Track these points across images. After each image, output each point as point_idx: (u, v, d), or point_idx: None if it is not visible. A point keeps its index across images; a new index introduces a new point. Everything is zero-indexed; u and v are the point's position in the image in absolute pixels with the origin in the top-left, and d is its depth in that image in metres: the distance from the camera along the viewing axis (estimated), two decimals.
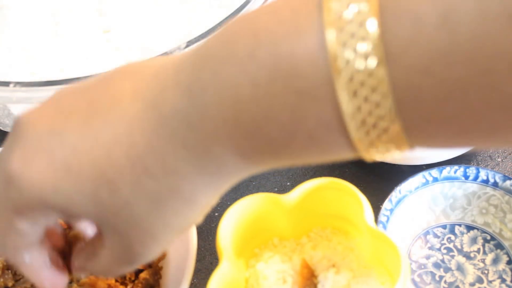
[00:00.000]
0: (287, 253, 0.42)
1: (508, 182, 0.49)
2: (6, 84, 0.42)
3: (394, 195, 0.48)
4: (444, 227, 0.50)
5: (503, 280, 0.47)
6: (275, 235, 0.43)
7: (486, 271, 0.48)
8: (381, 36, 0.19)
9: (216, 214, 0.54)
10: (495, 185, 0.49)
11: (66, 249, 0.32)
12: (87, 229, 0.33)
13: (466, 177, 0.50)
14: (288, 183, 0.55)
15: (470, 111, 0.19)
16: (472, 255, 0.49)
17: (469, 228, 0.50)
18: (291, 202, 0.41)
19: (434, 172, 0.49)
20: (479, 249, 0.49)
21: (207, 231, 0.53)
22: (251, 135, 0.22)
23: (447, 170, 0.49)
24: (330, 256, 0.40)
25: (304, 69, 0.20)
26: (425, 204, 0.50)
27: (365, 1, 0.19)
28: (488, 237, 0.50)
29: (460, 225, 0.50)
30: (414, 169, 0.52)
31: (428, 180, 0.49)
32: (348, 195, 0.40)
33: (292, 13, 0.21)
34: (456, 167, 0.50)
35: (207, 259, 0.51)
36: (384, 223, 0.46)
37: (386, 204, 0.47)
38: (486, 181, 0.49)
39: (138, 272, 0.46)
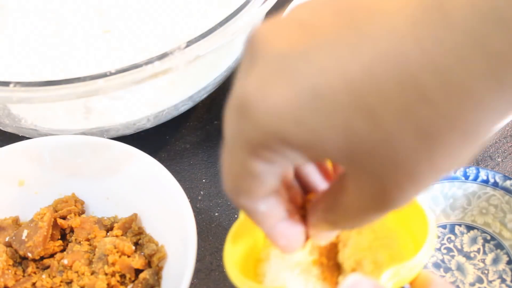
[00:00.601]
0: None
1: (508, 182, 0.49)
2: (6, 84, 0.42)
3: None
4: (444, 227, 0.50)
5: (503, 280, 0.47)
6: None
7: (486, 271, 0.48)
8: None
9: (216, 214, 0.54)
10: (495, 185, 0.49)
11: (301, 212, 0.28)
12: (318, 182, 0.29)
13: (466, 177, 0.50)
14: None
15: None
16: (472, 255, 0.49)
17: (469, 228, 0.50)
18: None
19: None
20: (479, 249, 0.49)
21: (207, 231, 0.53)
22: None
23: None
24: None
25: None
26: (425, 204, 0.50)
27: None
28: (488, 237, 0.50)
29: (460, 225, 0.50)
30: None
31: None
32: None
33: None
34: None
35: (207, 259, 0.51)
36: None
37: None
38: (486, 181, 0.49)
39: (138, 272, 0.46)
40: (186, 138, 0.60)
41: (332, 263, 0.36)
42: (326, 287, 0.35)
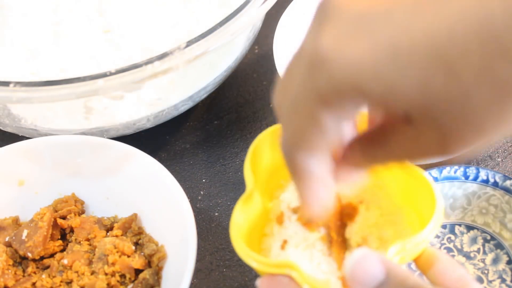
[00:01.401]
0: None
1: (508, 182, 0.49)
2: (6, 84, 0.42)
3: None
4: (444, 227, 0.50)
5: (503, 280, 0.47)
6: None
7: (486, 271, 0.48)
8: None
9: (216, 214, 0.54)
10: (495, 185, 0.49)
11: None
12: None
13: (466, 177, 0.50)
14: None
15: None
16: (472, 255, 0.49)
17: (469, 228, 0.50)
18: None
19: (434, 172, 0.49)
20: (479, 249, 0.49)
21: (207, 231, 0.53)
22: None
23: (447, 170, 0.49)
24: (358, 192, 0.39)
25: None
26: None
27: None
28: (488, 237, 0.50)
29: (460, 225, 0.50)
30: None
31: None
32: None
33: None
34: (456, 167, 0.50)
35: (207, 259, 0.51)
36: None
37: None
38: (486, 181, 0.49)
39: (138, 272, 0.46)
40: (186, 138, 0.60)
41: (340, 239, 0.36)
42: (332, 262, 0.35)
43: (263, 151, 0.39)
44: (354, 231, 0.36)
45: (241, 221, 0.35)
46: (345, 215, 0.37)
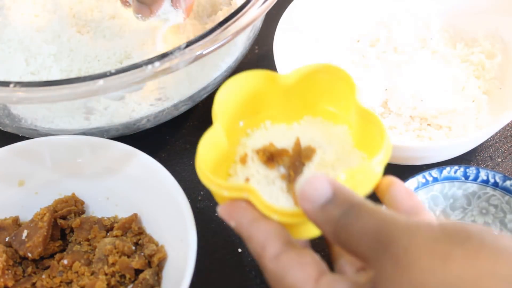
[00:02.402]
0: (278, 135, 0.43)
1: (508, 182, 0.49)
2: (6, 84, 0.42)
3: None
4: None
5: None
6: (268, 118, 0.44)
7: None
8: None
9: (216, 214, 0.54)
10: (495, 185, 0.49)
11: None
12: None
13: (466, 177, 0.50)
14: None
15: None
16: None
17: None
18: (287, 81, 0.42)
19: (434, 172, 0.49)
20: None
21: (207, 231, 0.53)
22: None
23: (447, 170, 0.49)
24: (317, 139, 0.42)
25: None
26: (425, 204, 0.50)
27: None
28: None
29: None
30: (414, 169, 0.52)
31: (428, 180, 0.49)
32: (341, 80, 0.41)
33: None
34: (456, 167, 0.50)
35: (207, 259, 0.51)
36: None
37: None
38: (486, 181, 0.49)
39: (138, 272, 0.46)
40: (186, 138, 0.60)
41: (298, 177, 0.38)
42: (290, 198, 0.38)
43: (230, 99, 0.42)
44: (311, 170, 0.39)
45: (205, 153, 0.38)
46: (303, 156, 0.40)
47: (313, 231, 0.37)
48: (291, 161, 0.40)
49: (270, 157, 0.40)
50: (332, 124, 0.43)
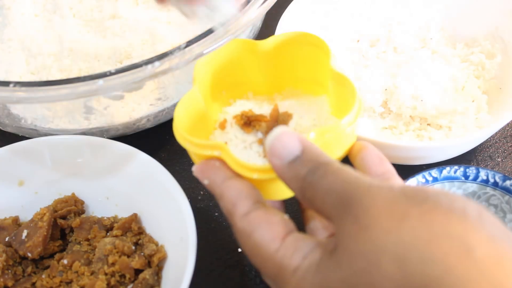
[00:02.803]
0: (258, 104, 0.45)
1: (508, 182, 0.49)
2: (6, 84, 0.42)
3: None
4: None
5: None
6: (249, 89, 0.46)
7: None
8: None
9: (216, 214, 0.54)
10: (495, 185, 0.49)
11: None
12: None
13: (466, 177, 0.50)
14: None
15: None
16: None
17: None
18: (266, 48, 0.43)
19: (434, 172, 0.49)
20: None
21: (207, 231, 0.53)
22: None
23: (447, 170, 0.49)
24: (295, 107, 0.43)
25: None
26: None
27: None
28: None
29: None
30: (414, 169, 0.52)
31: (428, 180, 0.49)
32: (316, 47, 0.42)
33: None
34: (456, 167, 0.50)
35: (207, 259, 0.51)
36: None
37: None
38: (486, 181, 0.49)
39: (138, 272, 0.46)
40: None
41: None
42: (266, 162, 0.37)
43: (212, 67, 0.43)
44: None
45: (183, 115, 0.39)
46: (280, 121, 0.41)
47: (284, 192, 0.38)
48: (268, 126, 0.40)
49: (248, 122, 0.41)
50: (312, 95, 0.44)
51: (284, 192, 0.38)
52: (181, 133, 0.38)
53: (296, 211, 0.43)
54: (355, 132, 0.38)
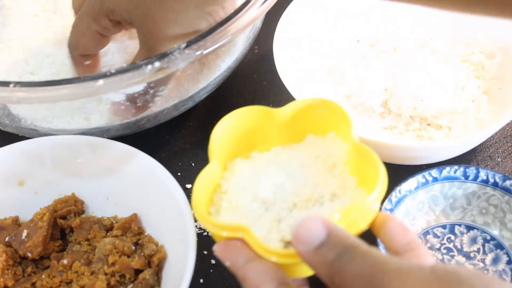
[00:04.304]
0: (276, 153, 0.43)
1: (508, 182, 0.49)
2: (6, 84, 0.42)
3: (394, 195, 0.48)
4: (444, 227, 0.50)
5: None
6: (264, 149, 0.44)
7: (486, 271, 0.48)
8: None
9: None
10: (495, 185, 0.49)
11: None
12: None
13: (466, 177, 0.50)
14: None
15: None
16: (472, 255, 0.49)
17: (469, 228, 0.50)
18: (283, 116, 0.42)
19: (434, 172, 0.49)
20: (479, 249, 0.49)
21: (207, 231, 0.53)
22: None
23: (447, 170, 0.49)
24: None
25: None
26: (425, 204, 0.50)
27: None
28: (488, 237, 0.50)
29: (460, 225, 0.50)
30: (414, 169, 0.52)
31: (428, 180, 0.49)
32: (336, 114, 0.41)
33: None
34: (456, 167, 0.50)
35: (207, 259, 0.51)
36: None
37: (386, 205, 0.47)
38: (486, 181, 0.49)
39: (138, 272, 0.46)
40: (186, 138, 0.60)
41: None
42: (281, 229, 0.37)
43: (230, 130, 0.42)
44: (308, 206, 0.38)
45: (202, 192, 0.39)
46: None
47: (308, 271, 0.37)
48: None
49: None
50: (328, 156, 0.43)
51: (308, 270, 0.37)
52: (203, 215, 0.37)
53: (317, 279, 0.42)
54: (378, 204, 0.37)
